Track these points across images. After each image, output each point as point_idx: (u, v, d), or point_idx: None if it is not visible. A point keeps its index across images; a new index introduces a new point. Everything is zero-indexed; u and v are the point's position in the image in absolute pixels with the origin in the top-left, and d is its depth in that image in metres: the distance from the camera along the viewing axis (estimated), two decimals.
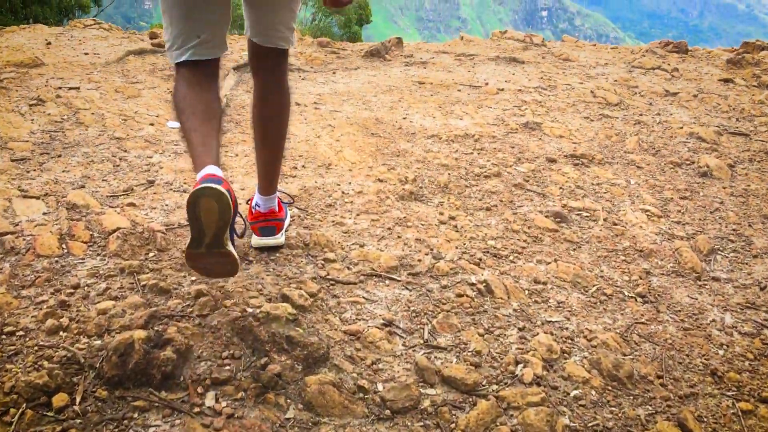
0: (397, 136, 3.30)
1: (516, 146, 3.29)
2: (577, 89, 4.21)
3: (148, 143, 2.93)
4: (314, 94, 3.81)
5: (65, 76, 3.65)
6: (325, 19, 24.74)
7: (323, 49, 4.95)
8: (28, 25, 5.30)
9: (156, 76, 3.87)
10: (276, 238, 2.21)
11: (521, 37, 5.71)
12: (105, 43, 4.66)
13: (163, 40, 1.96)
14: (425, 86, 4.12)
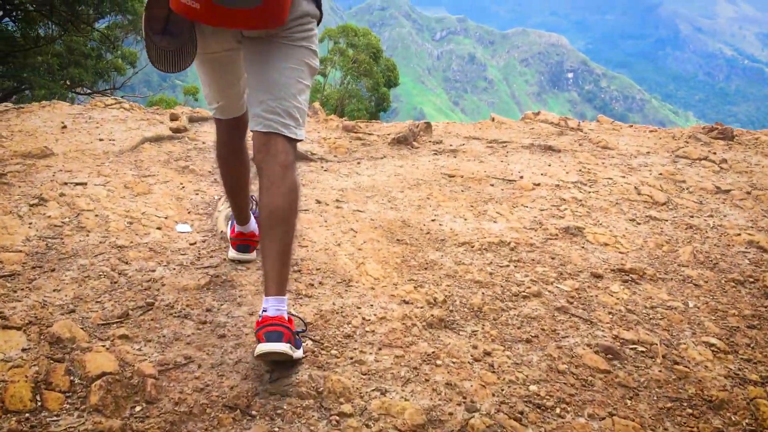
0: (425, 243, 3.02)
1: (556, 257, 2.97)
2: (620, 184, 3.91)
3: (152, 252, 2.67)
4: (337, 190, 3.55)
5: (74, 168, 3.45)
6: (353, 81, 24.97)
7: (348, 134, 4.72)
8: (49, 102, 5.19)
9: (170, 168, 3.65)
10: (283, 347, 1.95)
11: (556, 120, 5.46)
12: (123, 127, 4.49)
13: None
14: (455, 180, 3.85)
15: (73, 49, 18.49)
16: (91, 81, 19.17)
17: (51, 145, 3.80)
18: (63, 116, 4.67)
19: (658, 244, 3.19)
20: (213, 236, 2.91)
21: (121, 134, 4.26)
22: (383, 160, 4.17)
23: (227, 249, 2.76)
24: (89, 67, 18.84)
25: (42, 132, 4.12)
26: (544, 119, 5.52)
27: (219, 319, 2.27)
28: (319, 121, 5.31)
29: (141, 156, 3.81)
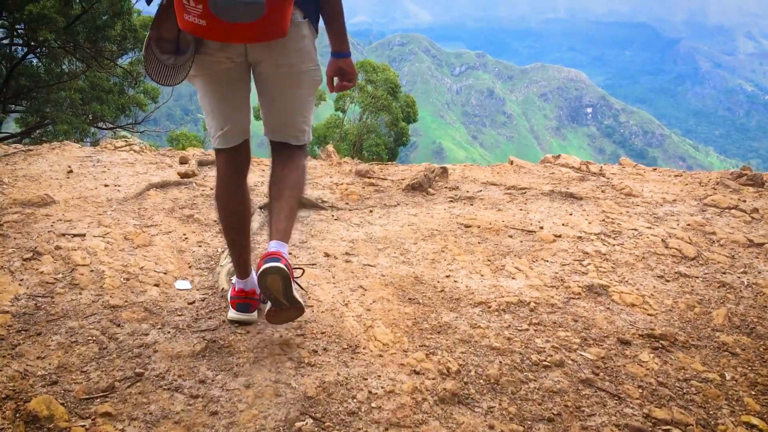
0: (438, 303, 2.82)
1: (580, 319, 2.77)
2: (646, 236, 3.70)
3: (147, 313, 2.51)
4: (347, 241, 3.38)
5: (74, 217, 3.32)
6: (372, 117, 25.00)
7: (361, 180, 4.57)
8: (59, 143, 5.12)
9: (174, 217, 3.51)
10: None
11: (576, 165, 5.27)
12: (130, 171, 4.38)
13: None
14: (472, 230, 3.66)
15: (95, 85, 18.71)
16: (112, 116, 19.35)
17: (54, 192, 3.69)
18: (71, 159, 4.57)
19: (689, 305, 2.97)
20: (213, 294, 2.75)
21: (127, 179, 4.15)
22: (397, 208, 4.00)
23: (227, 309, 2.59)
24: (111, 103, 19.03)
25: (47, 177, 4.02)
26: (565, 163, 5.33)
27: (212, 392, 2.09)
28: (333, 165, 5.17)
29: (145, 203, 3.67)
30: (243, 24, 2.05)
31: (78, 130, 17.29)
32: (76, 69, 18.59)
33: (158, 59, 2.21)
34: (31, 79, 17.61)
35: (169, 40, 2.20)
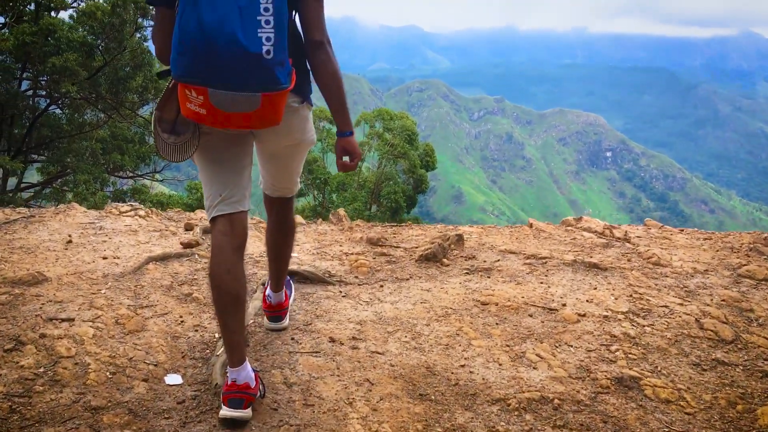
0: (452, 399, 2.57)
1: (609, 419, 2.49)
2: (678, 315, 3.43)
3: (131, 416, 2.28)
4: (354, 323, 3.15)
5: (66, 297, 3.13)
6: (390, 164, 24.95)
7: (372, 249, 4.35)
8: (65, 206, 4.99)
9: (172, 296, 3.31)
10: (282, 323, 3.12)
11: (600, 229, 5.02)
12: (132, 240, 4.22)
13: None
14: (489, 308, 3.42)
15: (116, 135, 18.90)
16: (133, 165, 19.48)
17: (49, 267, 3.52)
18: (73, 226, 4.42)
19: (730, 401, 2.68)
20: (206, 391, 2.52)
21: (127, 250, 3.97)
22: (409, 282, 3.77)
23: (220, 408, 2.36)
24: (132, 152, 19.18)
25: (44, 249, 3.86)
26: (587, 227, 5.08)
27: None
28: (344, 230, 4.98)
29: (143, 279, 3.49)
30: (240, 113, 2.22)
31: (98, 180, 17.40)
32: (97, 119, 18.82)
33: (160, 137, 2.45)
34: (53, 130, 17.83)
35: (168, 120, 2.40)
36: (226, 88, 2.17)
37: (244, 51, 2.12)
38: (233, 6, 2.13)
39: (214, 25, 2.11)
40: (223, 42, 2.11)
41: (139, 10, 15.92)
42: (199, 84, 2.17)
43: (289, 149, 2.69)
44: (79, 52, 15.70)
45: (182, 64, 2.17)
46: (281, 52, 2.19)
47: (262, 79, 2.17)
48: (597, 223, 5.16)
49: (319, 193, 23.85)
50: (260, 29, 2.15)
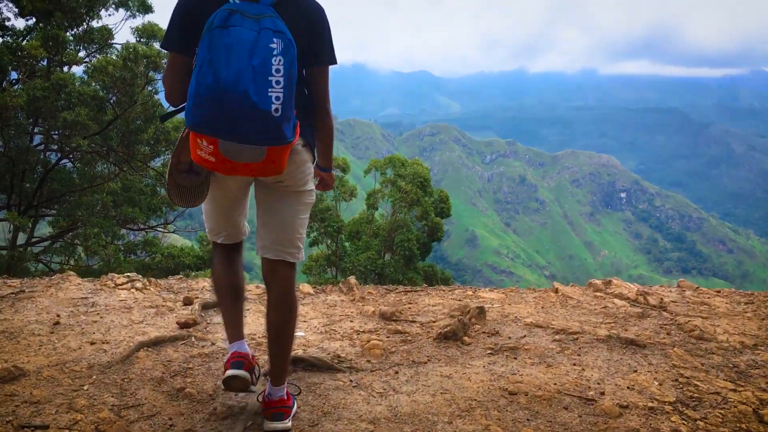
0: None
1: None
2: (733, 404, 3.02)
3: None
4: (366, 422, 2.76)
5: (44, 396, 2.79)
6: (403, 212, 24.64)
7: (386, 325, 3.97)
8: (61, 276, 4.68)
9: (162, 391, 2.94)
10: (284, 423, 2.73)
11: (632, 295, 4.62)
12: (125, 319, 3.88)
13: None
14: (518, 399, 3.03)
15: (128, 187, 18.78)
16: (144, 217, 19.32)
17: (30, 357, 3.19)
18: (64, 303, 4.10)
19: None
20: None
21: (118, 332, 3.63)
22: (427, 367, 3.38)
23: None
24: (143, 204, 19.04)
25: (28, 333, 3.53)
26: (618, 293, 4.69)
27: None
28: (355, 300, 4.62)
29: (132, 370, 3.13)
30: (246, 163, 2.43)
31: (109, 233, 17.20)
32: (108, 172, 18.74)
33: (175, 180, 2.69)
34: (64, 184, 17.74)
35: (186, 162, 2.62)
36: (235, 140, 2.36)
37: (254, 108, 2.29)
38: (247, 65, 2.30)
39: (229, 81, 2.29)
40: (236, 98, 2.29)
41: (150, 64, 15.94)
42: (210, 134, 2.36)
43: (284, 194, 2.79)
44: (90, 106, 15.69)
45: (197, 115, 2.35)
46: (289, 109, 2.38)
47: (269, 134, 2.36)
48: (629, 287, 4.77)
49: (332, 241, 23.54)
50: (271, 89, 2.33)
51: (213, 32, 2.36)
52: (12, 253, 15.66)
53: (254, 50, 2.34)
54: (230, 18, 2.38)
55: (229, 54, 2.33)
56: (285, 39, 2.40)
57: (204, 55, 2.33)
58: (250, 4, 2.42)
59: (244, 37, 2.35)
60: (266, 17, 2.40)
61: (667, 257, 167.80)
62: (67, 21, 17.06)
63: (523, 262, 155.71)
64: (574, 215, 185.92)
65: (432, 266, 23.91)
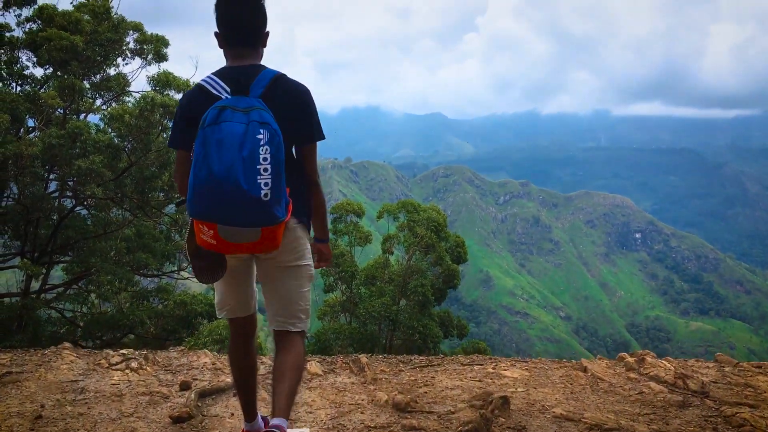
0: None
1: None
2: None
3: None
4: None
5: None
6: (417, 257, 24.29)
7: (401, 419, 3.63)
8: (54, 350, 4.42)
9: None
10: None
11: (670, 378, 4.27)
12: (114, 411, 3.57)
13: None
14: None
15: (142, 233, 18.66)
16: (157, 264, 19.14)
17: None
18: (51, 388, 3.82)
19: None
20: None
21: (105, 429, 3.33)
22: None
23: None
24: (157, 251, 18.89)
25: (6, 429, 3.24)
26: (654, 375, 4.34)
27: None
28: (366, 383, 4.29)
29: None
30: (244, 243, 2.68)
31: (123, 280, 16.99)
32: (123, 218, 18.64)
33: (195, 262, 2.92)
34: (78, 231, 17.63)
35: (193, 247, 2.86)
36: (231, 225, 2.61)
37: (246, 195, 2.53)
38: (238, 157, 2.53)
39: (221, 174, 2.52)
40: (229, 188, 2.52)
41: (165, 112, 15.95)
42: (209, 221, 2.62)
43: (284, 269, 3.03)
44: (105, 154, 15.65)
45: (196, 205, 2.60)
46: (278, 192, 2.62)
47: (261, 217, 2.61)
48: (665, 367, 4.42)
49: (347, 287, 23.20)
50: (259, 176, 2.55)
51: (206, 130, 2.60)
52: (24, 302, 15.47)
53: (244, 142, 2.56)
54: (221, 114, 2.62)
55: (220, 148, 2.55)
56: (270, 129, 2.62)
57: (199, 151, 2.57)
58: (241, 98, 2.70)
59: (234, 130, 2.58)
60: (254, 110, 2.65)
61: (684, 298, 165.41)
62: (84, 70, 17.18)
63: (538, 303, 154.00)
64: (589, 256, 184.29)
65: (447, 312, 23.46)
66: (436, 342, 20.21)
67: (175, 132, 2.99)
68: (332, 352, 19.01)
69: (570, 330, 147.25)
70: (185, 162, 2.86)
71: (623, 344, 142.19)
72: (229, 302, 3.14)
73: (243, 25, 2.96)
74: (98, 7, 16.92)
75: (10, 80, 17.15)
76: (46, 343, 15.77)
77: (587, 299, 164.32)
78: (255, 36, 2.99)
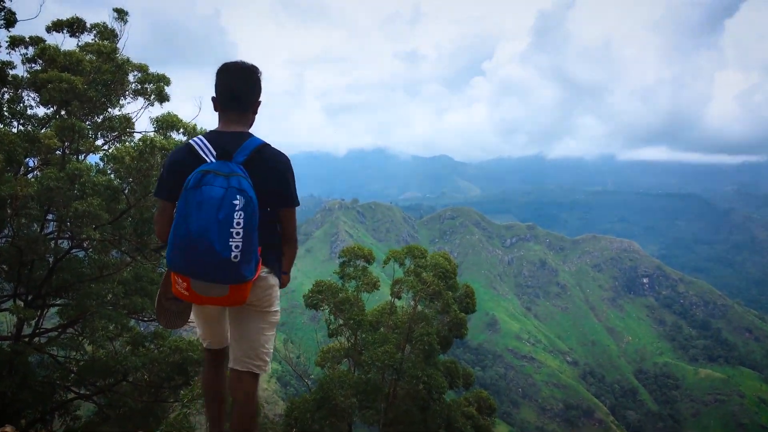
0: None
1: None
2: None
3: None
4: None
5: None
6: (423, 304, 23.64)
7: None
8: None
9: None
10: None
11: None
12: None
13: None
14: None
15: (140, 276, 18.21)
16: (153, 308, 18.63)
17: None
18: None
19: None
20: None
21: None
22: None
23: None
24: (154, 295, 18.37)
25: None
26: None
27: None
28: None
29: None
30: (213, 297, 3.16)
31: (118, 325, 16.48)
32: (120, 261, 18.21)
33: (162, 305, 3.61)
34: (74, 273, 17.19)
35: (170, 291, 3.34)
36: (203, 280, 2.99)
37: (217, 256, 2.86)
38: (213, 220, 2.87)
39: (197, 234, 2.87)
40: (203, 248, 2.86)
41: (165, 155, 15.63)
42: (183, 275, 3.00)
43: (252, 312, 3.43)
44: (103, 196, 15.29)
45: (173, 258, 2.98)
46: (248, 254, 2.95)
47: (230, 276, 2.95)
48: None
49: (351, 333, 22.51)
50: (231, 239, 2.87)
51: (188, 192, 2.90)
52: (15, 347, 14.93)
53: (221, 206, 2.87)
54: (204, 178, 2.91)
55: (199, 210, 2.86)
56: (246, 196, 2.93)
57: (181, 210, 2.90)
58: (224, 163, 2.99)
59: (214, 194, 2.89)
60: (234, 176, 2.94)
61: (692, 345, 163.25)
62: (85, 110, 16.95)
63: (545, 348, 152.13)
64: (596, 300, 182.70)
65: (454, 362, 22.73)
66: (440, 392, 19.47)
67: (160, 183, 3.27)
68: (336, 401, 18.30)
69: (577, 376, 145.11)
70: (166, 211, 3.23)
71: (631, 391, 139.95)
72: (207, 337, 3.71)
73: (239, 94, 3.30)
74: (105, 47, 16.76)
75: (11, 119, 16.92)
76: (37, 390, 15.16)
77: (594, 344, 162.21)
78: (247, 104, 3.34)
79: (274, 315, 3.44)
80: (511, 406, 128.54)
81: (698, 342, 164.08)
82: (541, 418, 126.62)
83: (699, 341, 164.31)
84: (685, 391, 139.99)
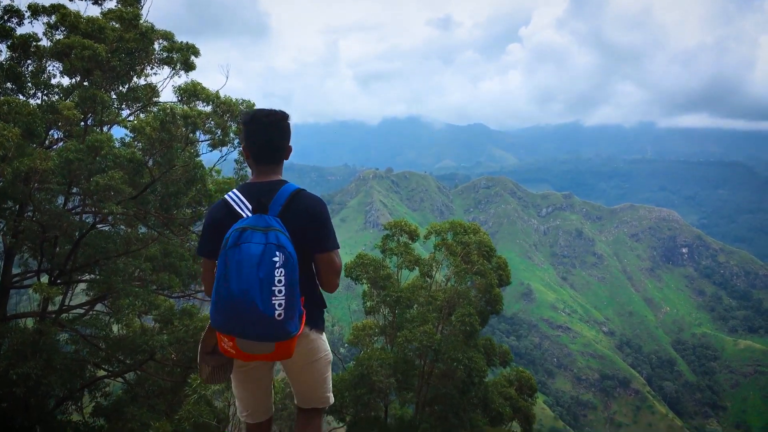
0: None
1: None
2: None
3: None
4: None
5: None
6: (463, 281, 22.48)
7: None
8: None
9: None
10: None
11: None
12: None
13: None
14: None
15: (168, 252, 17.49)
16: (181, 285, 17.91)
17: None
18: None
19: None
20: None
21: None
22: None
23: None
24: (183, 271, 17.64)
25: None
26: None
27: None
28: None
29: None
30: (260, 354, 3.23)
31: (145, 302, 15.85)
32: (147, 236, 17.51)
33: (204, 360, 3.47)
34: (99, 249, 16.54)
35: (210, 345, 3.44)
36: (248, 339, 3.11)
37: (261, 314, 2.98)
38: (255, 279, 2.98)
39: (240, 294, 2.98)
40: (246, 308, 2.99)
41: (189, 125, 14.69)
42: (229, 335, 3.13)
43: (304, 366, 3.56)
44: (126, 169, 14.48)
45: (217, 319, 3.11)
46: (291, 310, 3.08)
47: (275, 334, 3.08)
48: None
49: (390, 311, 21.58)
50: (274, 297, 3.00)
51: (227, 251, 3.04)
52: (39, 327, 14.35)
53: (261, 263, 2.98)
54: (242, 236, 3.05)
55: (240, 269, 2.97)
56: (285, 252, 3.04)
57: (221, 270, 3.02)
58: (260, 217, 3.12)
59: (252, 252, 3.00)
60: (271, 230, 3.06)
61: (732, 315, 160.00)
62: (109, 79, 16.09)
63: (581, 318, 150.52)
64: (634, 270, 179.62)
65: (490, 339, 21.72)
66: (481, 376, 18.47)
67: (202, 242, 3.36)
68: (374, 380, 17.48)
69: (613, 346, 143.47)
70: (210, 269, 3.24)
71: (668, 362, 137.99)
72: (248, 407, 3.70)
73: (271, 146, 3.37)
74: (126, 13, 15.78)
75: (35, 90, 16.14)
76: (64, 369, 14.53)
77: (631, 315, 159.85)
78: (280, 154, 3.41)
79: (325, 358, 3.53)
80: (546, 376, 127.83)
81: (738, 313, 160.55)
82: (577, 387, 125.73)
83: (739, 312, 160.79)
84: (724, 362, 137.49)
